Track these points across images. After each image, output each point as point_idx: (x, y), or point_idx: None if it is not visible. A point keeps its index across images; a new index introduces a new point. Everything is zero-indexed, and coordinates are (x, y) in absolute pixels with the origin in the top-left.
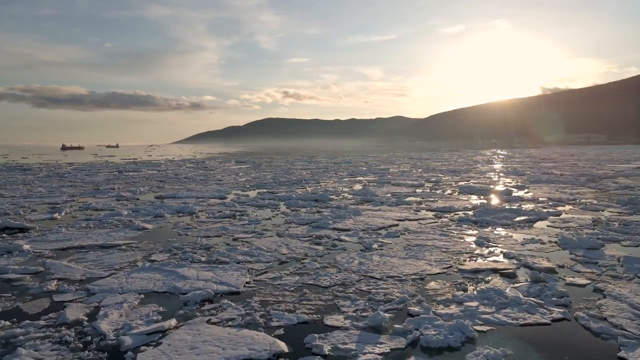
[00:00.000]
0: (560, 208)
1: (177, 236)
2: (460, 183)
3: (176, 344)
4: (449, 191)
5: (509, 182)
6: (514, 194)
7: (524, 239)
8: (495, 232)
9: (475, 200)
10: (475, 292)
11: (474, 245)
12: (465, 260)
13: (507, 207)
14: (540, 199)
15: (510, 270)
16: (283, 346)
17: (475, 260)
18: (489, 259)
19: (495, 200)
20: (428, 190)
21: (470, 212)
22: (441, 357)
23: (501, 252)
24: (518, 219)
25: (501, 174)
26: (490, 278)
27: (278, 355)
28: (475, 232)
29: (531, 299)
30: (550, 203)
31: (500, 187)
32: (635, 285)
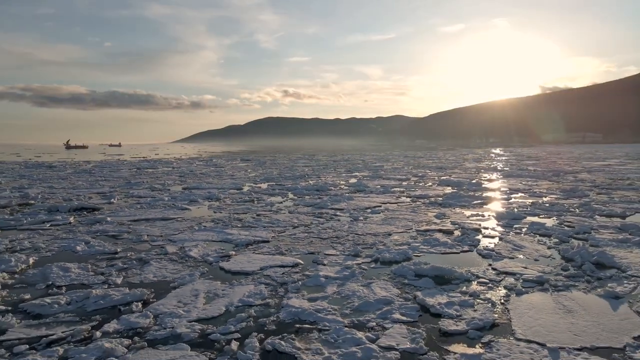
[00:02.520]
0: (512, 195)
1: (214, 213)
2: (442, 177)
3: (238, 260)
4: (430, 183)
5: (484, 176)
6: (482, 185)
7: (471, 214)
8: (452, 210)
9: (448, 190)
10: (421, 240)
11: (432, 218)
12: (422, 226)
13: (470, 194)
14: (502, 188)
15: (450, 230)
16: (300, 261)
17: (430, 226)
18: (439, 225)
19: (464, 190)
20: (412, 183)
21: (440, 198)
22: (390, 266)
23: (450, 221)
24: (475, 202)
25: (482, 170)
26: (434, 234)
27: (297, 264)
28: (437, 210)
29: (455, 242)
30: (507, 192)
31: (474, 180)
32: (526, 236)
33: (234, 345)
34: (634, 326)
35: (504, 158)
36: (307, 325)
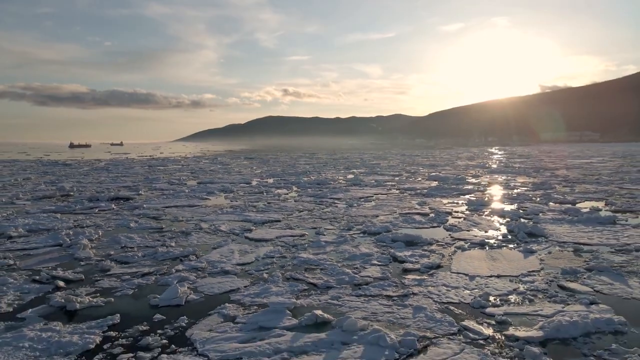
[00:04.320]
0: (488, 188)
1: (230, 202)
2: (432, 174)
3: (258, 233)
4: (419, 178)
5: (470, 172)
6: (466, 180)
7: (448, 202)
8: (433, 199)
9: (434, 184)
10: (401, 219)
11: (414, 205)
12: (404, 210)
13: (452, 186)
14: (482, 183)
15: (427, 213)
16: (305, 232)
17: (410, 210)
18: (419, 210)
19: (448, 184)
20: (404, 178)
21: (425, 190)
22: (374, 236)
23: (429, 207)
24: (454, 193)
25: (470, 167)
26: (413, 216)
27: (304, 234)
28: (420, 199)
29: (427, 221)
30: (486, 185)
31: (460, 176)
32: (485, 217)
33: (265, 275)
34: (532, 266)
35: (496, 156)
36: (312, 266)
